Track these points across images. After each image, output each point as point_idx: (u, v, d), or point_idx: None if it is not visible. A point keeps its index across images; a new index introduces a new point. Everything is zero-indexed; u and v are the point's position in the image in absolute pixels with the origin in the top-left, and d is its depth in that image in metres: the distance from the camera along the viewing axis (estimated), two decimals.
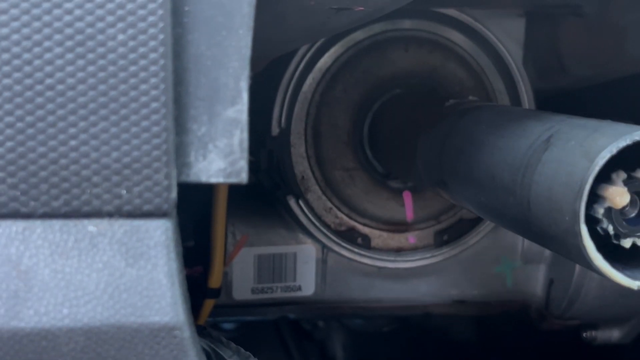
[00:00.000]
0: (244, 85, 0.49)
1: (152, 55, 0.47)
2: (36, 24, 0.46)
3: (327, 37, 0.96)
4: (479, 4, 0.99)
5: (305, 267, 1.02)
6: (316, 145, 0.98)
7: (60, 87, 0.46)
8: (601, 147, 0.52)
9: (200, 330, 0.65)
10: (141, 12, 0.46)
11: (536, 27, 1.02)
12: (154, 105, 0.47)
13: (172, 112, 0.48)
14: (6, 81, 0.46)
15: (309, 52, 0.97)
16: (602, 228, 0.53)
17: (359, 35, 0.98)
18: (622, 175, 0.53)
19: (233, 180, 0.49)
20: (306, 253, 1.02)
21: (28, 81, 0.46)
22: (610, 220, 0.53)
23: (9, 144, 0.47)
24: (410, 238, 1.02)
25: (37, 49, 0.46)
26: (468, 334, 1.37)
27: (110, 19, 0.46)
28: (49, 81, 0.46)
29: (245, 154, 0.49)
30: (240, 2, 0.48)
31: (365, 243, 1.01)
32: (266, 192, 1.05)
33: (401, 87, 0.98)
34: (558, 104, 0.81)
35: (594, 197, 0.53)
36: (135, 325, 0.48)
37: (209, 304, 0.95)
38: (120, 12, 0.46)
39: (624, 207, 0.53)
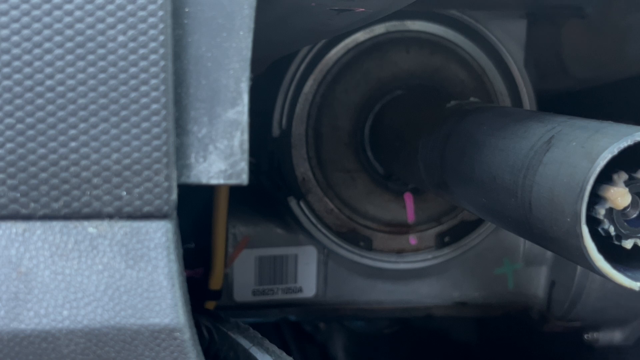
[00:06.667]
0: (244, 87, 0.49)
1: (153, 57, 0.47)
2: (36, 26, 0.46)
3: (328, 38, 0.96)
4: (481, 5, 0.99)
5: (307, 268, 1.02)
6: (317, 147, 0.98)
7: (60, 88, 0.46)
8: (602, 148, 0.52)
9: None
10: (141, 13, 0.46)
11: (537, 29, 1.02)
12: (154, 106, 0.47)
13: (172, 114, 0.47)
14: (6, 83, 0.46)
15: (310, 53, 0.97)
16: (603, 229, 0.53)
17: (360, 36, 0.98)
18: (624, 176, 0.52)
19: (233, 181, 0.49)
20: (307, 254, 1.02)
21: (28, 83, 0.46)
22: (612, 221, 0.53)
23: (9, 145, 0.47)
24: (412, 239, 1.02)
25: (37, 51, 0.46)
26: (469, 335, 1.37)
27: (110, 20, 0.46)
28: (49, 83, 0.46)
29: (246, 156, 0.49)
30: (241, 4, 0.48)
31: (366, 244, 1.01)
32: (267, 194, 1.05)
33: (402, 89, 0.98)
34: (559, 105, 0.81)
35: (595, 198, 0.53)
36: (136, 327, 0.48)
37: (210, 305, 0.95)
38: (120, 13, 0.46)
39: (625, 208, 0.53)
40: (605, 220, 0.53)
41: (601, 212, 0.52)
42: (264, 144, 1.00)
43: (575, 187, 0.52)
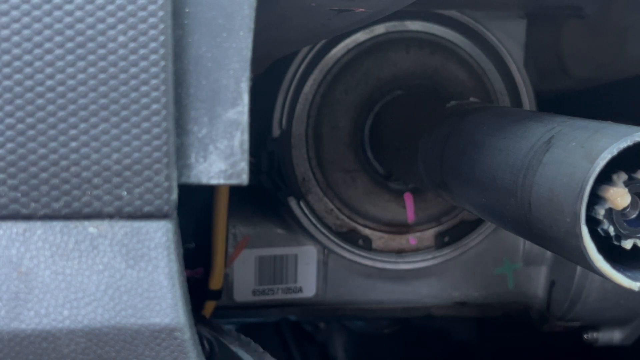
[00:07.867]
0: (244, 87, 0.49)
1: (153, 57, 0.47)
2: (37, 26, 0.46)
3: (328, 38, 0.96)
4: (480, 5, 0.99)
5: (306, 268, 1.02)
6: (317, 147, 0.98)
7: (60, 88, 0.46)
8: (602, 148, 0.52)
9: (201, 319, 0.65)
10: (142, 13, 0.46)
11: (537, 29, 1.02)
12: (155, 106, 0.47)
13: (172, 114, 0.48)
14: (7, 83, 0.46)
15: (310, 53, 0.97)
16: (602, 229, 0.53)
17: (360, 36, 0.98)
18: (623, 176, 0.52)
19: (234, 181, 0.49)
20: (307, 254, 1.02)
21: (28, 83, 0.46)
22: (611, 222, 0.53)
23: (10, 145, 0.47)
24: (411, 239, 1.02)
25: (37, 51, 0.46)
26: (469, 335, 1.37)
27: (110, 20, 0.46)
28: (49, 83, 0.46)
29: (246, 156, 0.49)
30: (241, 4, 0.48)
31: (366, 244, 1.01)
32: (267, 194, 1.05)
33: (402, 89, 0.98)
34: (559, 105, 0.81)
35: (595, 198, 0.53)
36: (136, 327, 0.48)
37: (210, 305, 0.95)
38: (120, 13, 0.46)
39: (624, 208, 0.53)
40: (605, 221, 0.53)
41: (601, 212, 0.52)
42: (264, 144, 1.00)
43: (575, 187, 0.52)
